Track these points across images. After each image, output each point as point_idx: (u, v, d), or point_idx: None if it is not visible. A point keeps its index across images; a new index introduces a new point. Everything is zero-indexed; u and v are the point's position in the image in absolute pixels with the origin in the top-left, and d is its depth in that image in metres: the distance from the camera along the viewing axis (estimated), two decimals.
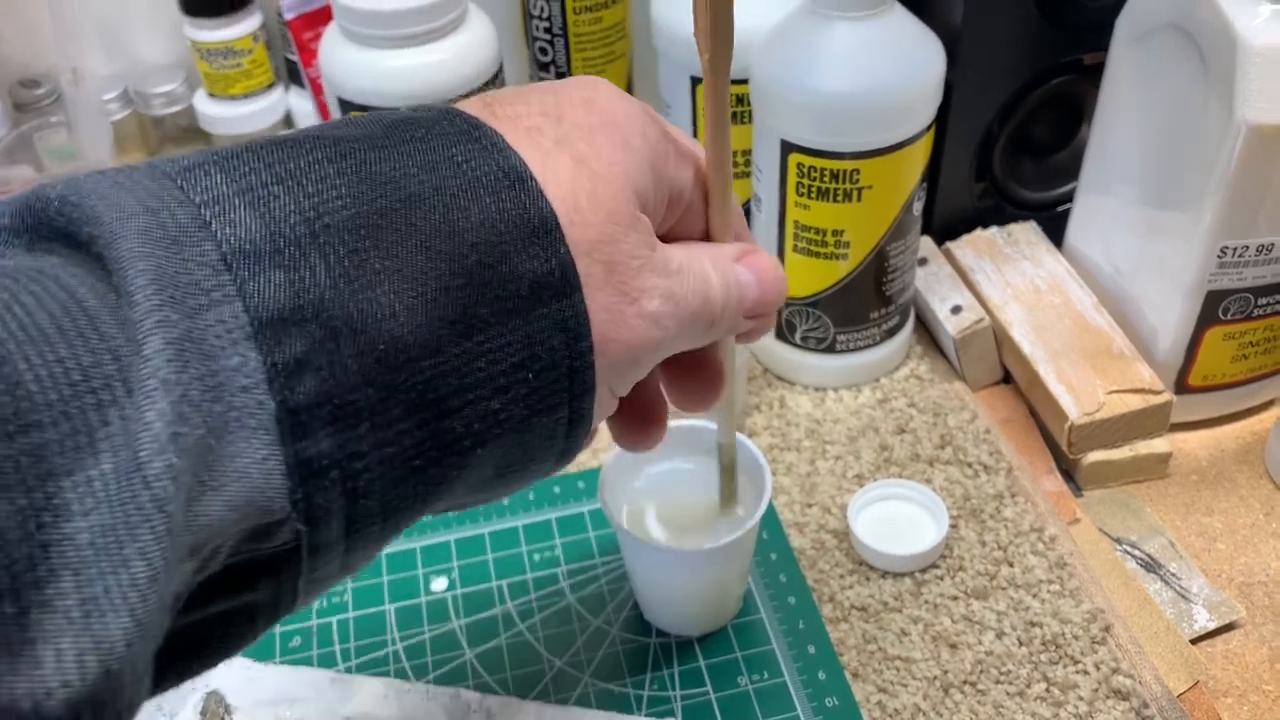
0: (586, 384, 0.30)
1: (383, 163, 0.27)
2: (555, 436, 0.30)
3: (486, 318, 0.27)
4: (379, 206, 0.26)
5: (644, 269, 0.31)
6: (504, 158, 0.28)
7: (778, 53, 0.57)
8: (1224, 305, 0.58)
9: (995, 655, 0.51)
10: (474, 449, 0.28)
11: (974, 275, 0.67)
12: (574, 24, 0.69)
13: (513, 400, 0.28)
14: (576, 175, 0.29)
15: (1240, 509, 0.59)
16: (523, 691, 0.51)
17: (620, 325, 0.30)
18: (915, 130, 0.56)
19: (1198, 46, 0.53)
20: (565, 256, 0.28)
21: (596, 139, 0.31)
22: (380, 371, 0.25)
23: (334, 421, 0.25)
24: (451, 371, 0.27)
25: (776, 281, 0.36)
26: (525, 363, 0.28)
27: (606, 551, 0.57)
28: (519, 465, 0.30)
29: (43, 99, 0.78)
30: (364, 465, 0.25)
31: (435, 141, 0.28)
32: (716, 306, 0.34)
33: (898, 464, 0.61)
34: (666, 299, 0.31)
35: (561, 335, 0.28)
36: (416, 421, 0.26)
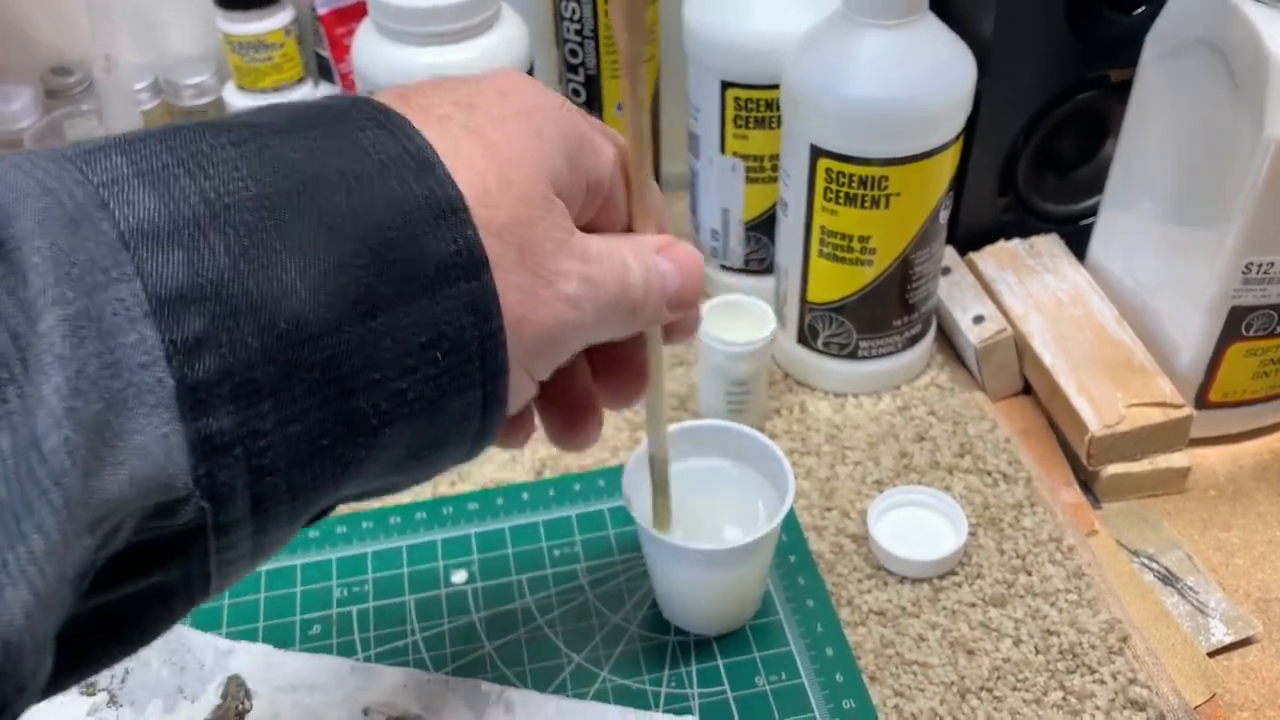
0: (499, 365, 0.29)
1: (287, 146, 0.27)
2: (469, 419, 0.30)
3: (391, 297, 0.27)
4: (282, 188, 0.26)
5: (559, 251, 0.31)
6: (411, 142, 0.28)
7: (809, 59, 0.57)
8: (1247, 321, 0.58)
9: (1012, 662, 0.51)
10: (382, 429, 0.28)
11: (996, 286, 0.67)
12: (604, 26, 0.70)
13: (422, 381, 0.28)
14: (487, 160, 0.30)
15: (1258, 525, 0.59)
16: (541, 685, 0.51)
17: (536, 306, 0.30)
18: (944, 139, 0.57)
19: (1228, 62, 0.54)
20: (473, 237, 0.28)
21: (508, 126, 0.31)
22: (282, 349, 0.25)
23: (236, 399, 0.25)
24: (355, 350, 0.26)
25: (696, 271, 0.36)
26: (433, 343, 0.28)
27: (626, 549, 0.57)
28: (433, 447, 0.30)
29: (74, 86, 0.78)
30: (268, 443, 0.25)
31: (343, 127, 0.28)
32: (637, 294, 0.34)
33: (917, 471, 0.61)
34: (584, 281, 0.31)
35: (470, 315, 0.28)
36: (321, 400, 0.26)
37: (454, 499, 0.60)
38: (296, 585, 0.56)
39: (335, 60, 0.74)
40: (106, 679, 0.50)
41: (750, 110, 0.64)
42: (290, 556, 0.57)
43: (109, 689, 0.50)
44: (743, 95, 0.63)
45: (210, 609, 0.54)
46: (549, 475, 0.62)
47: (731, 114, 0.64)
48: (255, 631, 0.53)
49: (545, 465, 0.62)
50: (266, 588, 0.56)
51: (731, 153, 0.66)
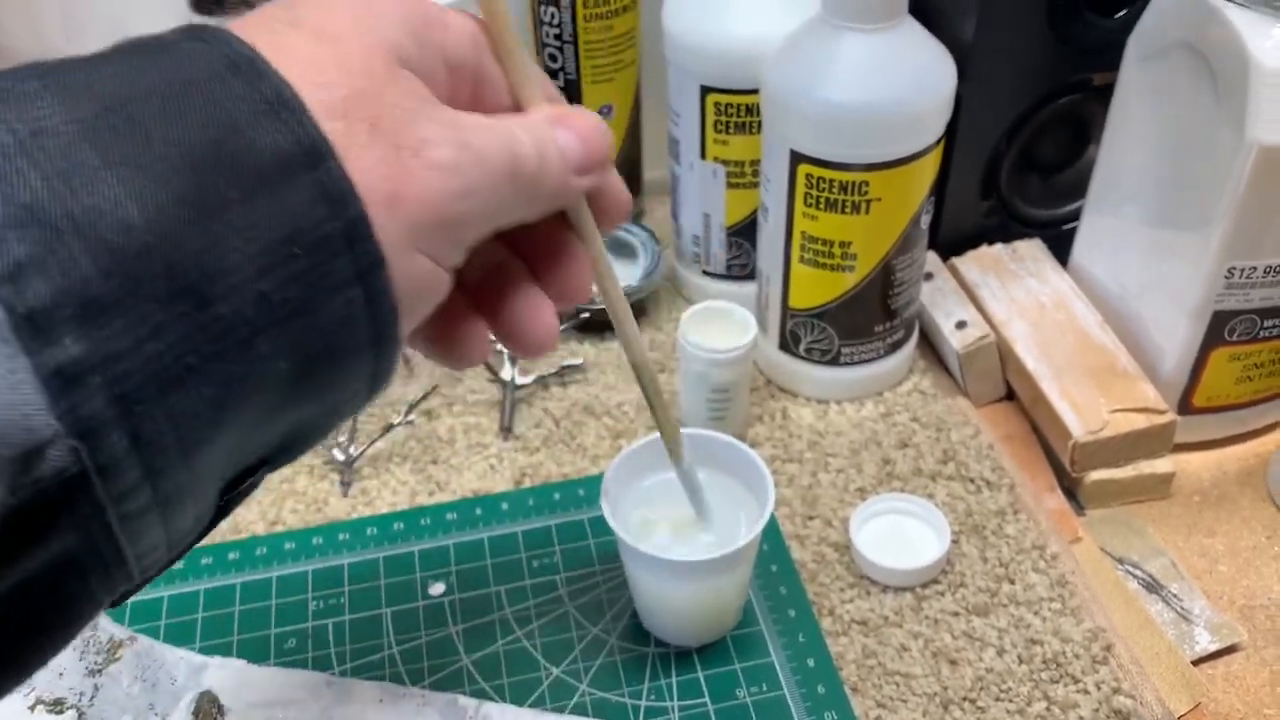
0: (371, 255, 0.27)
1: (98, 72, 0.26)
2: (355, 319, 0.28)
3: (230, 198, 0.25)
4: (94, 110, 0.25)
5: (418, 119, 0.29)
6: (229, 47, 0.27)
7: (789, 63, 0.57)
8: (1230, 326, 0.58)
9: (995, 673, 0.51)
10: (254, 338, 0.26)
11: (979, 291, 0.67)
12: (584, 31, 0.69)
13: (285, 280, 0.26)
14: (315, 46, 0.28)
15: (1242, 531, 0.59)
16: (519, 699, 0.50)
17: (408, 179, 0.28)
18: (925, 144, 0.56)
19: (1210, 66, 0.53)
20: (309, 125, 0.27)
21: (334, 12, 0.29)
22: (118, 262, 0.23)
23: (81, 322, 0.23)
24: (202, 254, 0.25)
25: (597, 133, 0.34)
26: (289, 238, 0.26)
27: (606, 559, 0.56)
28: (324, 359, 0.28)
29: None
30: (128, 366, 0.24)
31: (157, 45, 0.27)
32: (531, 162, 0.32)
33: (900, 478, 0.60)
34: (460, 147, 0.29)
35: (324, 205, 0.26)
36: (177, 313, 0.24)
37: (432, 509, 0.59)
38: (272, 598, 0.55)
39: None
40: (75, 696, 0.49)
41: (731, 115, 0.63)
42: (266, 569, 0.56)
43: (77, 706, 0.49)
44: (723, 100, 0.63)
45: (184, 623, 0.54)
46: (528, 484, 0.61)
47: (712, 119, 0.64)
48: (230, 646, 0.53)
49: (525, 474, 0.61)
50: (241, 601, 0.55)
51: (712, 158, 0.65)
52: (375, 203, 0.27)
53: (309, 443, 0.31)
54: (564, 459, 0.62)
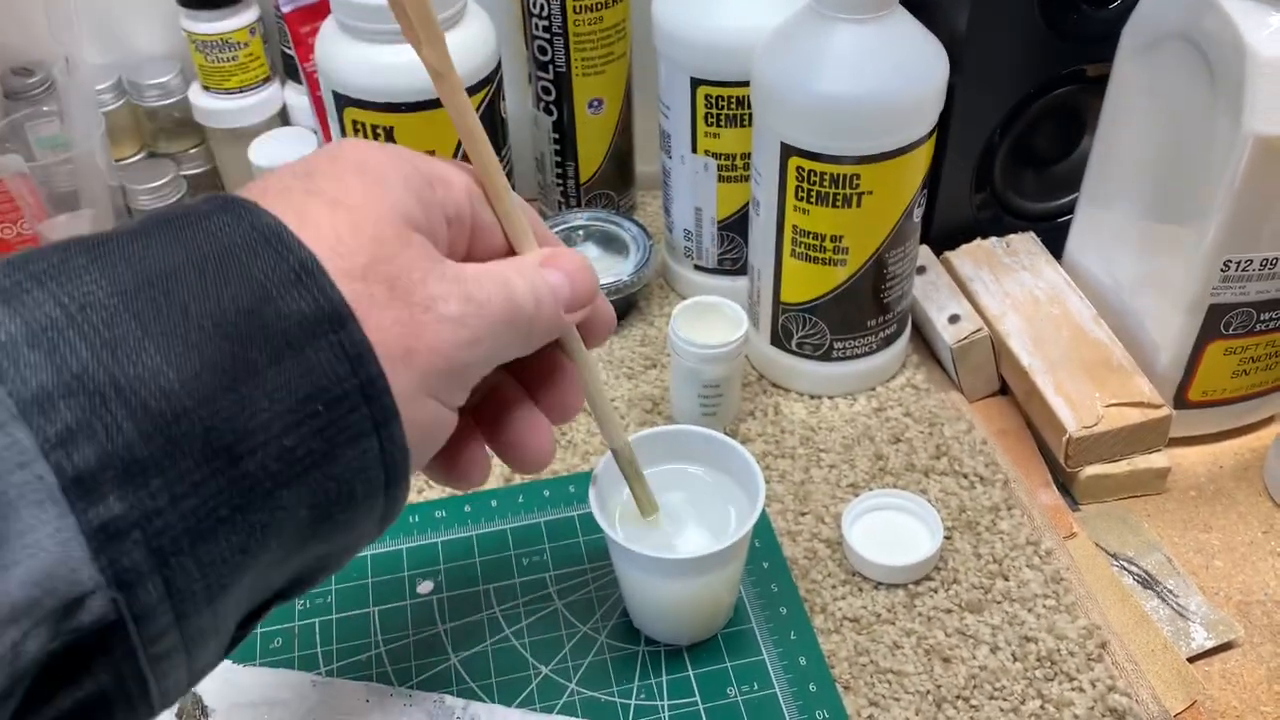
0: (387, 409, 0.30)
1: (137, 245, 0.28)
2: (369, 468, 0.30)
3: (259, 361, 0.27)
4: (135, 283, 0.27)
5: (430, 278, 0.31)
6: (257, 219, 0.29)
7: (779, 55, 0.56)
8: (1226, 320, 0.57)
9: (989, 670, 0.50)
10: (278, 489, 0.28)
11: (972, 285, 0.66)
12: (574, 23, 0.68)
13: (308, 435, 0.28)
14: (333, 215, 0.30)
15: (1239, 526, 0.58)
16: (507, 699, 0.50)
17: (421, 333, 0.31)
18: (917, 136, 0.56)
19: (1205, 57, 0.53)
20: (331, 290, 0.29)
21: (348, 181, 0.32)
22: (158, 427, 0.26)
23: (123, 482, 0.25)
24: (233, 416, 0.27)
25: (583, 272, 0.37)
26: (312, 396, 0.28)
27: (596, 557, 0.56)
28: (340, 505, 0.30)
29: (35, 88, 0.77)
30: (165, 522, 0.26)
31: (190, 219, 0.29)
32: (528, 306, 0.35)
33: (892, 474, 0.60)
34: (465, 301, 0.32)
35: (345, 364, 0.29)
36: (210, 471, 0.26)
37: (420, 506, 0.59)
38: None
39: (300, 59, 0.73)
40: None
41: (721, 108, 0.63)
42: None
43: None
44: (713, 93, 0.62)
45: None
46: (518, 481, 0.60)
47: (702, 112, 0.63)
48: None
49: (514, 471, 0.61)
50: None
51: (703, 151, 0.65)
52: (392, 357, 0.30)
53: (321, 577, 0.33)
54: (545, 468, 0.62)
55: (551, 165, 0.75)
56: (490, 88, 0.64)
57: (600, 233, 0.72)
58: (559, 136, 0.74)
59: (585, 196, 0.76)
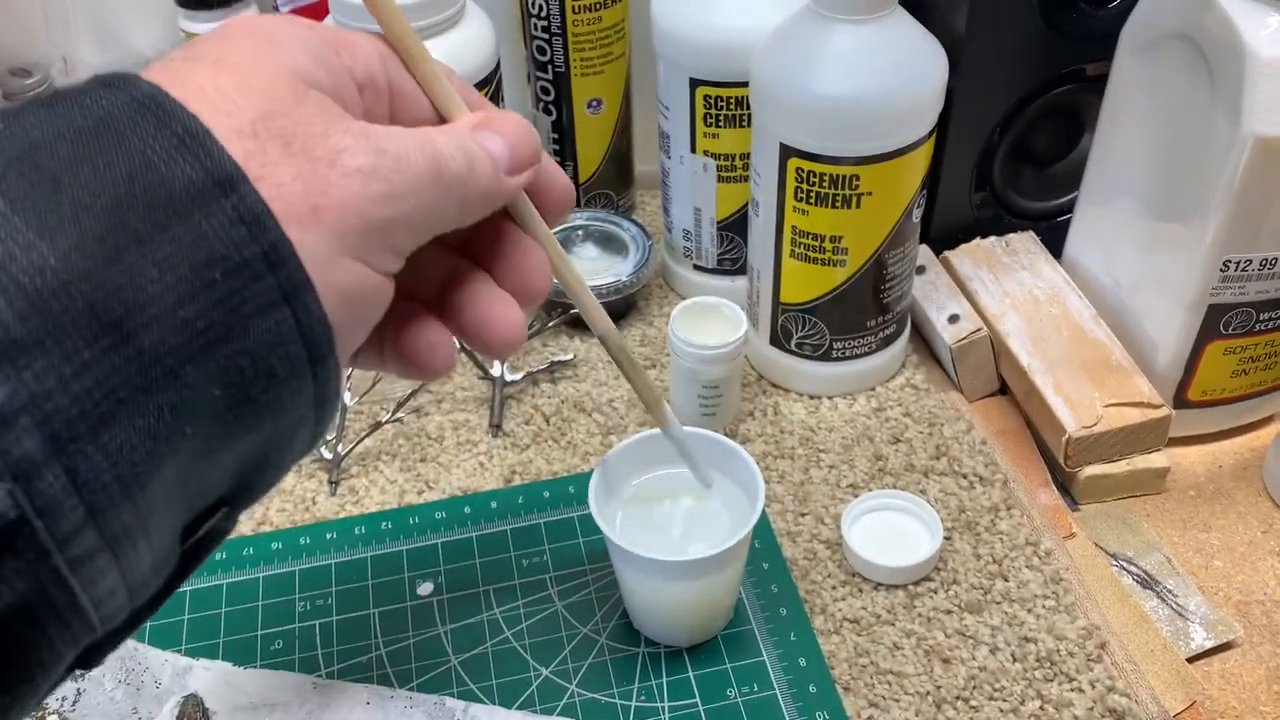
0: (296, 276, 0.27)
1: (11, 127, 0.26)
2: (286, 340, 0.28)
3: (142, 231, 0.25)
4: (2, 163, 0.25)
5: (331, 132, 0.29)
6: (136, 89, 0.27)
7: (778, 56, 0.56)
8: (1225, 319, 0.57)
9: (989, 671, 0.50)
10: (181, 366, 0.26)
11: (972, 285, 0.66)
12: (573, 23, 0.68)
13: (207, 306, 0.26)
14: (216, 75, 0.28)
15: (1238, 526, 0.58)
16: (507, 700, 0.50)
17: (327, 189, 0.28)
18: (916, 137, 0.56)
19: (1205, 57, 0.53)
20: (219, 153, 0.27)
21: (235, 44, 0.30)
22: (34, 304, 0.24)
23: (1, 363, 0.23)
24: (120, 288, 0.25)
25: (521, 131, 0.35)
26: (208, 264, 0.26)
27: (596, 558, 0.56)
28: (258, 384, 0.27)
29: (33, 88, 0.76)
30: (55, 405, 0.23)
31: (65, 96, 0.27)
32: (457, 165, 0.32)
33: (892, 474, 0.60)
34: (377, 153, 0.30)
35: (241, 228, 0.26)
36: (101, 349, 0.24)
37: (420, 508, 0.59)
38: (258, 599, 0.54)
39: None
40: (56, 701, 0.48)
41: (720, 108, 0.63)
42: (252, 569, 0.56)
43: (59, 711, 0.48)
44: (712, 93, 0.62)
45: (169, 625, 0.53)
46: (518, 482, 0.60)
47: (701, 112, 0.63)
48: (216, 648, 0.52)
49: (514, 472, 0.61)
50: (227, 602, 0.54)
51: (702, 151, 0.65)
52: (297, 217, 0.28)
53: (265, 478, 0.30)
54: (554, 456, 0.62)
55: None
56: (489, 88, 0.64)
57: (599, 233, 0.72)
58: (558, 136, 0.74)
59: (584, 196, 0.76)
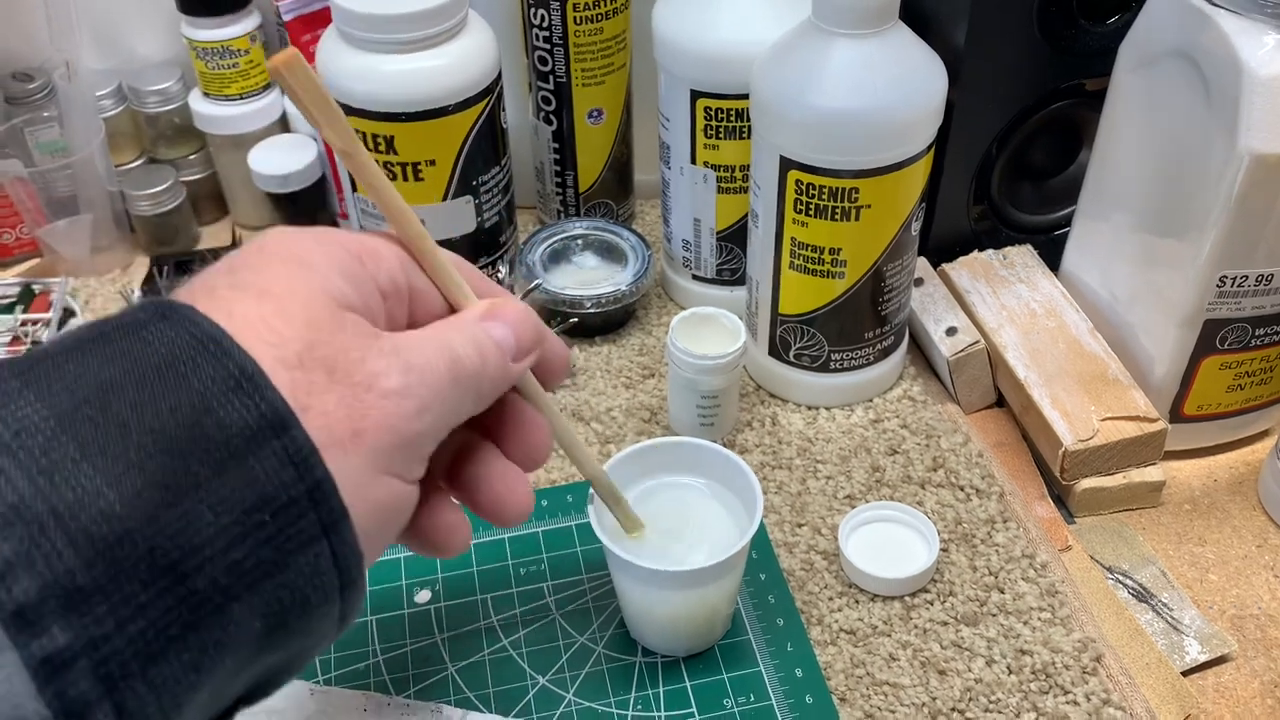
0: (335, 511, 0.29)
1: (72, 363, 0.27)
2: (323, 571, 0.29)
3: (201, 474, 0.27)
4: (70, 403, 0.26)
5: (368, 356, 0.31)
6: (196, 326, 0.29)
7: (779, 69, 0.56)
8: (1221, 335, 0.58)
9: (985, 683, 0.51)
10: (229, 604, 0.27)
11: (969, 297, 0.67)
12: (574, 34, 0.69)
13: (255, 546, 0.27)
14: (261, 305, 0.30)
15: (1233, 540, 0.59)
16: (505, 708, 0.50)
17: (366, 413, 0.30)
18: (916, 150, 0.56)
19: (1202, 74, 0.53)
20: (272, 395, 0.28)
21: (273, 269, 0.31)
22: (100, 551, 0.25)
23: (65, 612, 0.24)
24: (178, 532, 0.26)
25: (526, 320, 0.37)
26: (258, 506, 0.27)
27: (593, 567, 0.56)
28: (295, 612, 0.29)
29: (35, 93, 0.77)
30: (112, 648, 0.25)
31: (125, 330, 0.29)
32: (472, 363, 0.34)
33: (889, 485, 0.60)
34: (406, 371, 0.32)
35: (290, 469, 0.28)
36: (157, 591, 0.26)
37: None
38: None
39: None
40: None
41: (721, 120, 0.63)
42: None
43: None
44: (713, 105, 0.62)
45: None
46: None
47: (702, 124, 0.63)
48: None
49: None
50: None
51: (702, 163, 0.65)
52: (340, 441, 0.29)
53: (280, 682, 0.32)
54: (552, 465, 0.62)
55: (551, 174, 0.76)
56: (491, 98, 0.65)
57: (599, 242, 0.72)
58: (558, 146, 0.74)
59: (584, 206, 0.76)
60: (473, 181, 0.66)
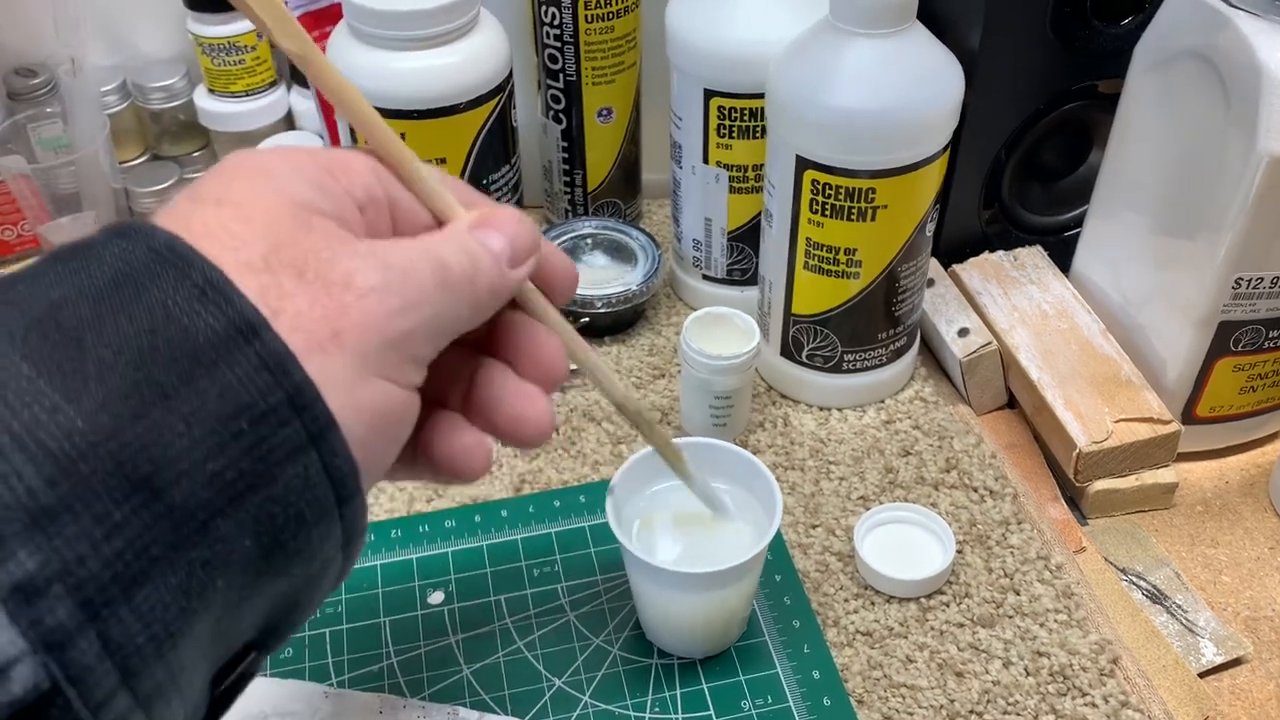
0: (321, 417, 0.27)
1: (28, 284, 0.26)
2: (315, 483, 0.27)
3: (168, 384, 0.25)
4: (21, 324, 0.25)
5: (340, 256, 0.29)
6: (150, 238, 0.27)
7: (796, 68, 0.56)
8: (1235, 337, 0.58)
9: (1003, 685, 0.50)
10: (212, 520, 0.25)
11: (980, 298, 0.66)
12: (585, 32, 0.68)
13: (236, 456, 0.26)
14: (219, 214, 0.29)
15: (1245, 542, 0.59)
16: (521, 711, 0.50)
17: (345, 311, 0.29)
18: (933, 150, 0.56)
19: (1219, 75, 0.53)
20: (239, 300, 0.27)
21: (233, 184, 0.30)
22: (62, 468, 0.23)
23: (31, 534, 0.23)
24: (148, 445, 0.25)
25: (520, 223, 0.35)
26: (234, 415, 0.26)
27: (608, 568, 0.56)
28: (289, 530, 0.27)
29: (39, 89, 0.76)
30: (88, 571, 0.23)
31: (82, 249, 0.27)
32: (462, 266, 0.32)
33: (903, 486, 0.60)
34: (386, 269, 0.30)
35: (266, 374, 0.26)
36: (131, 508, 0.24)
37: (430, 516, 0.58)
38: None
39: None
40: None
41: (734, 120, 0.63)
42: None
43: None
44: (727, 104, 0.62)
45: None
46: (528, 491, 0.60)
47: (715, 123, 0.63)
48: None
49: (524, 481, 0.61)
50: None
51: (715, 162, 0.65)
52: (319, 344, 0.28)
53: (294, 620, 0.30)
54: (564, 465, 0.62)
55: (559, 173, 0.75)
56: (502, 96, 0.64)
57: (608, 241, 0.72)
58: (567, 145, 0.74)
59: (592, 205, 0.76)
60: (483, 180, 0.66)
